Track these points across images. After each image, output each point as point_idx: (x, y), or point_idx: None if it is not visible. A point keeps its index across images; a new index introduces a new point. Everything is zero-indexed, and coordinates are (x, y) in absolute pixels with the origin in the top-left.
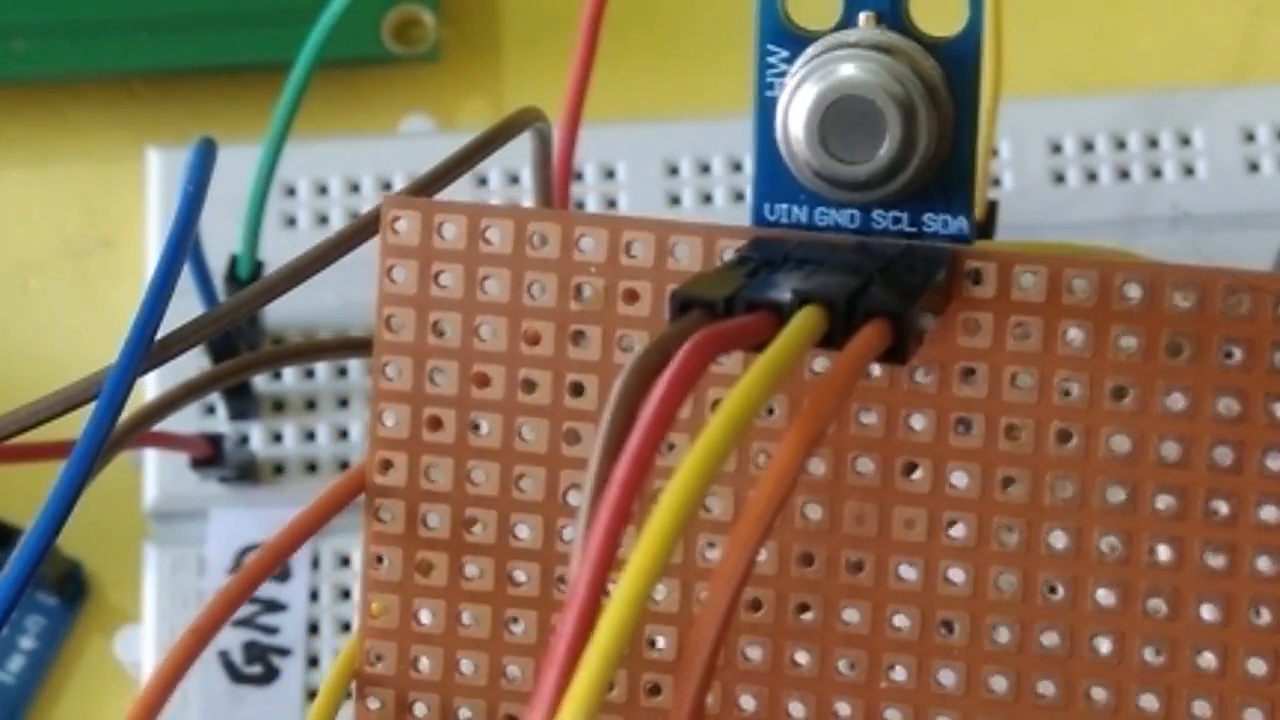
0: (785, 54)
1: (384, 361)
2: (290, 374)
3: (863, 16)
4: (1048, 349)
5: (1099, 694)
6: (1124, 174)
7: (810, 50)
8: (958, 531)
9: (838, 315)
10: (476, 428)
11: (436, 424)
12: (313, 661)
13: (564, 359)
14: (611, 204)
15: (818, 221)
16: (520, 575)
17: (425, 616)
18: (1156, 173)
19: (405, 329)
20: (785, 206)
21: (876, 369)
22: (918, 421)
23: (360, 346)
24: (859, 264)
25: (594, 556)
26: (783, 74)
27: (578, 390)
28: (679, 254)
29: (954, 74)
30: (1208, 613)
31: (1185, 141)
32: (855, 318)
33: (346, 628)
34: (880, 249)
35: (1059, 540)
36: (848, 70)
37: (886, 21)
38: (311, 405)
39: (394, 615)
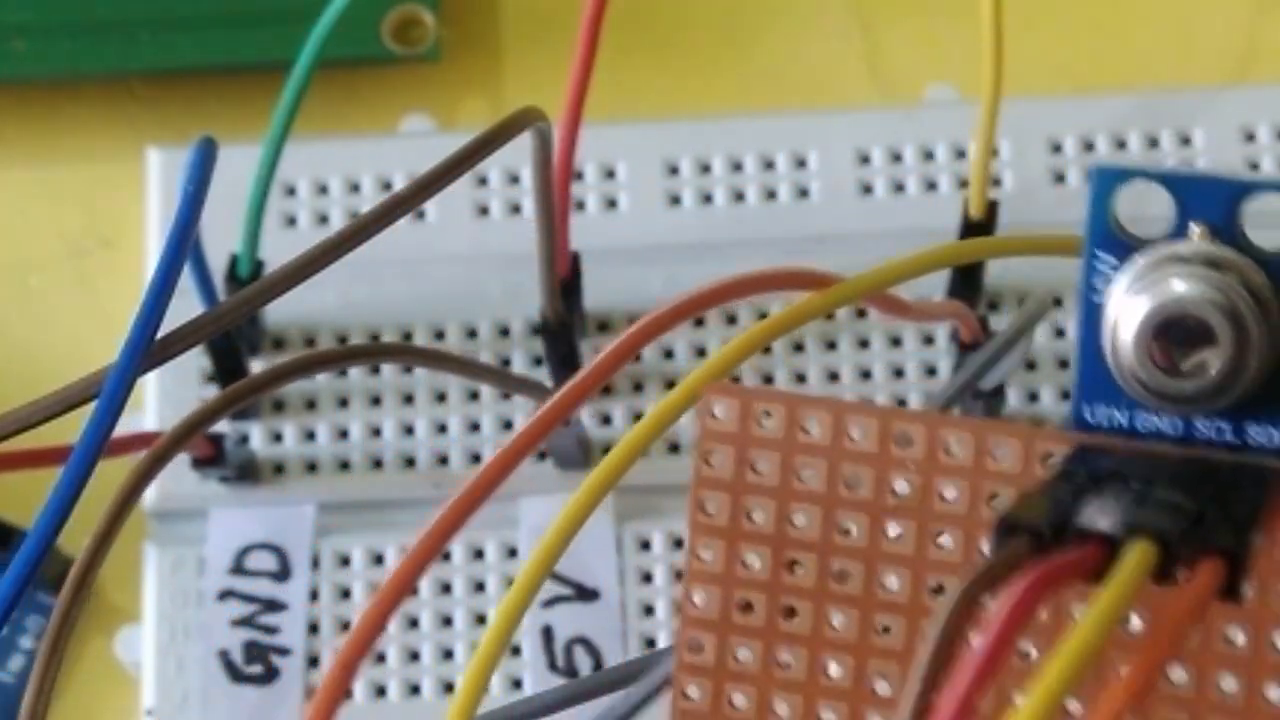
0: (1113, 260)
1: (697, 544)
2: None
3: (1195, 229)
4: None
5: None
6: None
7: (1140, 260)
8: None
9: (1171, 551)
10: (787, 613)
11: (747, 607)
12: (313, 661)
13: (876, 550)
14: (612, 203)
15: (1139, 427)
16: None
17: None
18: None
19: (720, 513)
20: (1106, 410)
21: None
22: (1234, 633)
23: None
24: (1188, 485)
25: None
26: (1109, 280)
27: (890, 584)
28: (998, 455)
29: None
30: None
31: (1185, 141)
32: (1189, 552)
33: (347, 627)
34: (1207, 467)
35: None
36: (1180, 287)
37: (1220, 235)
38: (311, 405)
39: None
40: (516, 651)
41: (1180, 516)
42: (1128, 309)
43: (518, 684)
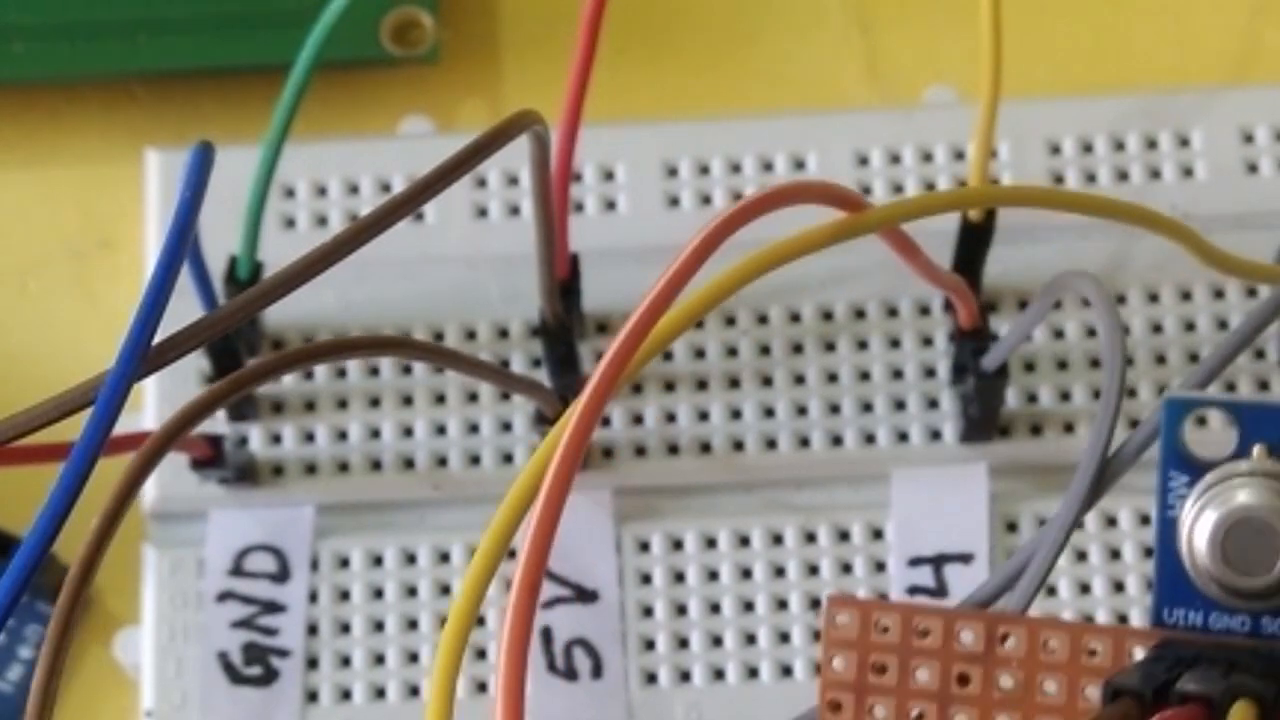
0: (1185, 479)
1: None
2: (288, 375)
3: (1256, 448)
4: None
5: None
6: (1123, 174)
7: (1209, 478)
8: None
9: (1267, 710)
10: None
11: None
12: (312, 663)
13: None
14: (611, 205)
15: (1212, 625)
16: None
17: None
18: (1156, 173)
19: (845, 711)
20: (1183, 611)
21: None
22: None
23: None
24: (1264, 671)
25: None
26: (1183, 496)
27: None
28: (1091, 650)
29: None
30: None
31: (1185, 142)
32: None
33: (346, 629)
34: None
35: None
36: (1244, 497)
37: (1276, 453)
38: (310, 406)
39: None
40: None
41: (1274, 687)
42: (1202, 520)
43: None
